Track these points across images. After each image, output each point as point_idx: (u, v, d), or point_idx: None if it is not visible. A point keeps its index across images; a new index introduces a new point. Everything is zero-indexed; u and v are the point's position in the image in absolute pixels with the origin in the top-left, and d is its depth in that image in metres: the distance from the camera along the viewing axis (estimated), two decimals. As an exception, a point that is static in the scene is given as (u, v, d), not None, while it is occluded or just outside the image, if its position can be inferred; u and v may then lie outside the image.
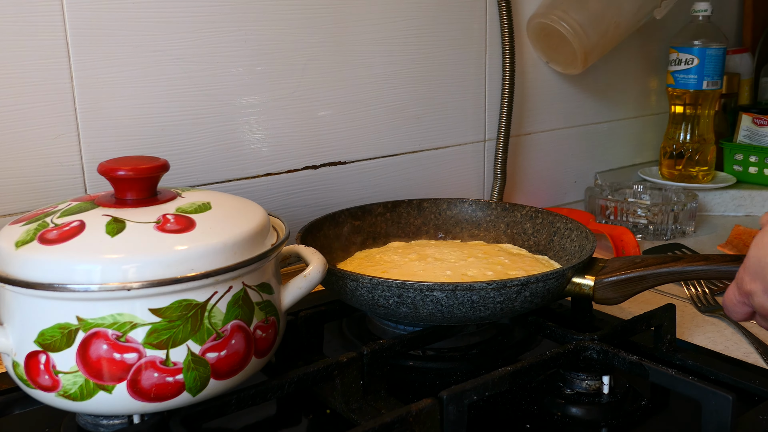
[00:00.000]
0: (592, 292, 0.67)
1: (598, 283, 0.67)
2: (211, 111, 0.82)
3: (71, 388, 0.49)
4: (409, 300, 0.62)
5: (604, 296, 0.67)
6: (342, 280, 0.65)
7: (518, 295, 0.63)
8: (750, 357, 0.69)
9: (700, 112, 1.20)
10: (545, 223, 0.82)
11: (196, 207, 0.54)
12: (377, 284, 0.63)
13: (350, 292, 0.65)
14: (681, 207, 1.06)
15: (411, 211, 0.88)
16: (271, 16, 0.84)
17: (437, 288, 0.61)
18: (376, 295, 0.63)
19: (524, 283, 0.62)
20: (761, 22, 1.43)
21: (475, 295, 0.62)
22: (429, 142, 1.01)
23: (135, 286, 0.47)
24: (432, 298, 0.62)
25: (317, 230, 0.79)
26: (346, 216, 0.83)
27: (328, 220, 0.81)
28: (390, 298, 0.63)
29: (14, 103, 0.71)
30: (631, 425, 0.59)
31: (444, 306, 0.62)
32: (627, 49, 1.21)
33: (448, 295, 0.62)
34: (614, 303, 0.68)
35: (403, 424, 0.51)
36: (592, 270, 0.68)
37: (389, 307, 0.64)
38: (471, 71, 1.02)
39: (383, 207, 0.87)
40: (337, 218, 0.82)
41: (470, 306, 0.62)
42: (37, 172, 0.73)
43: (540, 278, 0.63)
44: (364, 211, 0.85)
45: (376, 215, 0.86)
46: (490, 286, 0.61)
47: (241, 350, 0.52)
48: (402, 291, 0.62)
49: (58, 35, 0.71)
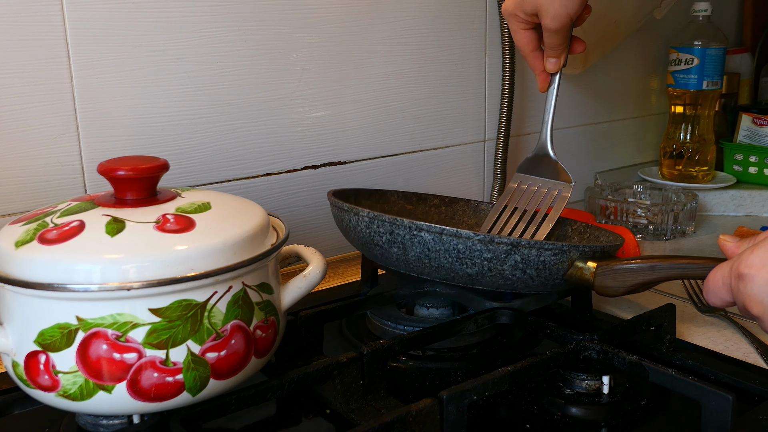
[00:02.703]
0: (592, 279, 0.65)
1: (599, 268, 0.65)
2: (211, 111, 0.82)
3: (71, 388, 0.49)
4: (399, 239, 0.63)
5: (603, 284, 0.65)
6: (347, 215, 0.68)
7: (507, 256, 0.62)
8: (750, 357, 0.69)
9: (700, 112, 1.20)
10: (591, 238, 0.80)
11: (195, 207, 0.54)
12: (373, 218, 0.65)
13: (352, 227, 0.67)
14: (681, 207, 1.06)
15: (467, 211, 0.88)
16: (271, 16, 0.84)
17: (425, 228, 0.62)
18: (372, 230, 0.65)
19: (514, 244, 0.61)
20: (761, 22, 1.43)
21: (461, 244, 0.61)
22: (429, 142, 1.01)
23: (135, 286, 0.47)
24: (419, 239, 0.62)
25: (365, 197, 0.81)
26: (399, 197, 0.85)
27: (378, 194, 0.83)
28: (383, 235, 0.64)
29: (14, 103, 0.71)
30: (631, 425, 0.59)
31: (431, 251, 0.62)
32: (627, 49, 1.21)
33: (435, 239, 0.62)
34: (613, 294, 0.66)
35: (402, 424, 0.51)
36: (597, 258, 0.66)
37: (383, 246, 0.65)
38: (471, 71, 1.02)
39: (440, 200, 0.88)
40: (388, 196, 0.84)
41: (456, 256, 0.62)
42: (36, 172, 0.73)
43: (533, 244, 0.62)
44: (419, 198, 0.86)
45: (430, 205, 0.87)
46: (476, 237, 0.61)
47: (240, 350, 0.52)
48: (393, 227, 0.63)
49: (58, 35, 0.71)
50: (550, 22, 0.77)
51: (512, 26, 0.81)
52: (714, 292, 0.58)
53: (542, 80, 0.84)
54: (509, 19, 0.81)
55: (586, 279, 0.65)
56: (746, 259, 0.54)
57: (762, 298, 0.53)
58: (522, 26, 0.80)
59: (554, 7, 0.76)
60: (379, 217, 0.64)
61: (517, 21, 0.80)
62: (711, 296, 0.58)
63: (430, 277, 0.66)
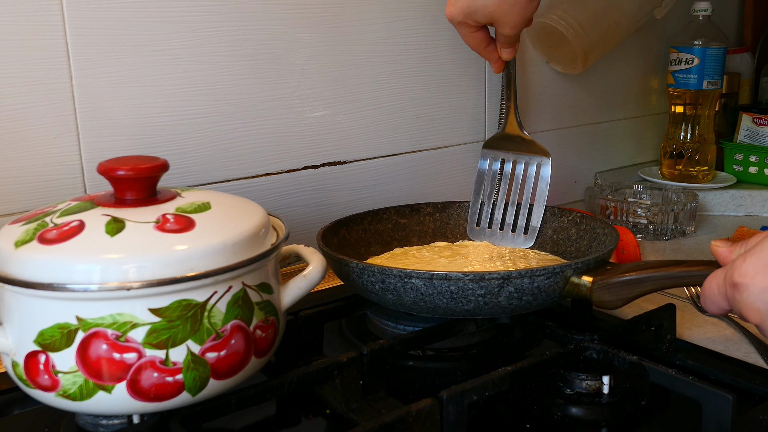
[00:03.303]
0: (589, 294, 0.65)
1: (595, 284, 0.65)
2: (211, 111, 0.82)
3: (71, 388, 0.49)
4: (391, 287, 0.63)
5: (601, 298, 0.65)
6: (337, 265, 0.68)
7: (500, 289, 0.62)
8: (750, 357, 0.69)
9: (700, 111, 1.20)
10: (587, 229, 0.80)
11: (195, 207, 0.54)
12: (363, 269, 0.65)
13: (345, 275, 0.67)
14: (681, 207, 1.06)
15: (462, 213, 0.88)
16: (271, 16, 0.84)
17: (414, 275, 0.62)
18: (364, 280, 0.65)
19: (505, 277, 0.61)
20: (761, 22, 1.43)
21: (452, 285, 0.61)
22: (429, 142, 1.01)
23: (135, 285, 0.47)
24: (411, 285, 0.62)
25: (356, 224, 0.81)
26: (392, 213, 0.85)
27: (370, 215, 0.83)
28: (375, 284, 0.64)
29: (14, 103, 0.71)
30: (631, 425, 0.59)
31: (424, 294, 0.62)
32: (627, 49, 1.21)
33: (426, 284, 0.62)
34: (612, 307, 0.66)
35: (403, 424, 0.51)
36: (592, 272, 0.67)
37: (377, 293, 0.65)
38: (471, 71, 1.02)
39: (432, 207, 0.87)
40: (381, 214, 0.84)
41: (450, 297, 0.62)
42: (36, 172, 0.73)
43: (524, 273, 0.62)
44: (412, 209, 0.86)
45: (424, 215, 0.87)
46: (467, 277, 0.61)
47: (240, 350, 0.52)
48: (384, 277, 0.63)
49: (58, 35, 0.71)
50: (509, 30, 0.78)
51: (461, 31, 0.82)
52: (711, 301, 0.57)
53: (499, 65, 0.85)
54: (457, 26, 0.81)
55: (583, 294, 0.65)
56: (739, 267, 0.54)
57: (759, 306, 0.52)
58: (472, 30, 0.80)
59: (513, 18, 0.76)
60: (369, 267, 0.64)
61: (466, 27, 0.80)
62: (708, 305, 0.58)
63: (430, 314, 0.66)
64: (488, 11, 0.76)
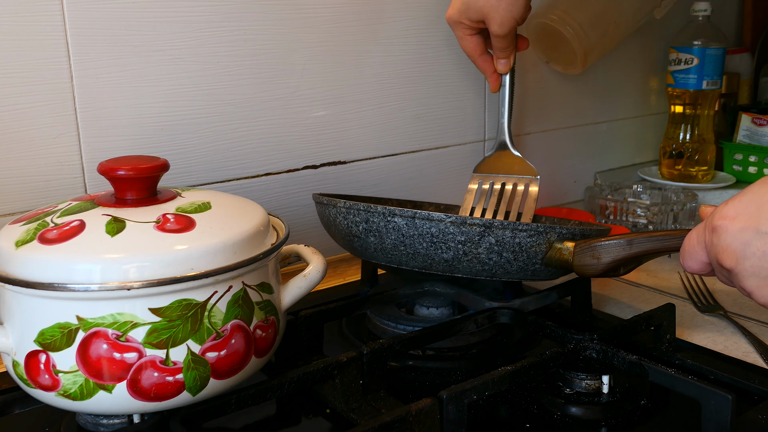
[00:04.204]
0: (571, 258, 0.64)
1: (577, 247, 0.64)
2: (211, 111, 0.82)
3: (71, 388, 0.49)
4: (374, 226, 0.64)
5: (582, 262, 0.64)
6: (326, 209, 0.69)
7: (481, 238, 0.61)
8: (750, 357, 0.69)
9: (700, 111, 1.20)
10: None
11: (196, 207, 0.55)
12: (350, 208, 0.65)
13: (332, 220, 0.68)
14: (680, 207, 1.06)
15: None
16: (271, 16, 0.84)
17: (398, 213, 0.63)
18: (349, 221, 0.66)
19: (487, 225, 0.61)
20: (761, 22, 1.43)
21: (434, 227, 0.61)
22: (428, 142, 1.01)
23: (135, 285, 0.47)
24: (393, 224, 0.63)
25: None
26: (394, 205, 0.85)
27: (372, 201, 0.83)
28: (360, 224, 0.65)
29: (14, 103, 0.71)
30: (631, 425, 0.59)
31: (405, 236, 0.63)
32: (627, 49, 1.21)
33: (408, 223, 0.62)
34: (592, 272, 0.64)
35: (402, 423, 0.51)
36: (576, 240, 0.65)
37: (360, 236, 0.66)
38: (471, 71, 1.02)
39: (435, 207, 0.87)
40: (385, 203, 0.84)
41: (431, 240, 0.62)
42: (37, 172, 0.73)
43: (506, 225, 0.61)
44: (414, 206, 0.87)
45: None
46: (449, 219, 0.61)
47: (240, 350, 0.52)
48: (368, 215, 0.64)
49: (58, 35, 0.71)
50: (497, 28, 0.80)
51: (458, 33, 0.85)
52: (690, 254, 0.56)
53: (494, 81, 0.87)
54: (454, 27, 0.84)
55: (564, 259, 0.64)
56: (720, 210, 0.53)
57: (735, 248, 0.51)
58: (468, 32, 0.84)
59: (500, 13, 0.79)
60: (355, 206, 0.65)
61: (462, 28, 0.83)
62: (687, 259, 0.57)
63: (409, 266, 0.66)
64: (479, 5, 0.80)
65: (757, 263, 0.50)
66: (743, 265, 0.51)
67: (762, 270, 0.50)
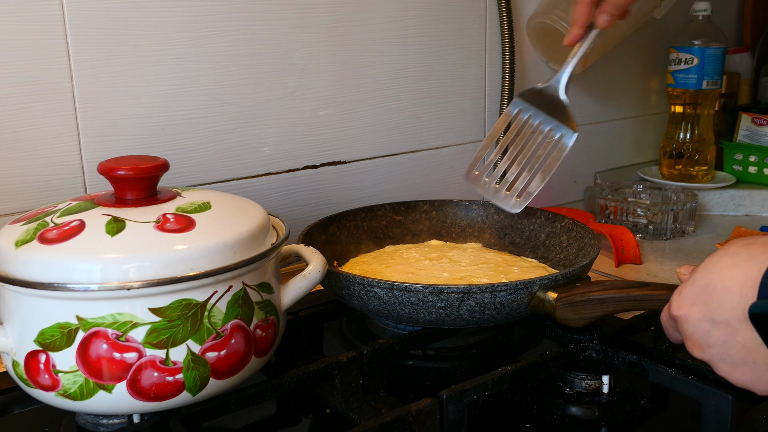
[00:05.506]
0: (553, 311, 0.63)
1: (559, 300, 0.63)
2: (210, 111, 0.82)
3: (71, 388, 0.49)
4: (356, 293, 0.64)
5: (564, 316, 0.63)
6: None
7: (461, 303, 0.61)
8: (750, 357, 0.69)
9: (700, 111, 1.20)
10: (577, 237, 0.78)
11: (196, 206, 0.55)
12: (330, 275, 0.65)
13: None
14: (681, 206, 1.06)
15: (459, 212, 0.87)
16: (271, 16, 0.84)
17: (376, 284, 0.62)
18: (333, 285, 0.66)
19: (464, 291, 0.61)
20: (761, 21, 1.43)
21: (413, 297, 0.61)
22: (429, 141, 1.01)
23: (135, 285, 0.47)
24: (373, 294, 0.63)
25: (349, 220, 0.81)
26: (387, 210, 0.85)
27: (364, 212, 0.83)
28: (342, 290, 0.65)
29: (14, 103, 0.71)
30: (631, 425, 0.59)
31: (387, 304, 0.63)
32: (627, 49, 1.21)
33: (387, 293, 0.62)
34: (575, 325, 0.63)
35: (402, 423, 0.51)
36: (560, 287, 0.64)
37: (344, 298, 0.66)
38: (471, 71, 1.02)
39: (429, 205, 0.87)
40: (376, 211, 0.84)
41: (411, 307, 0.62)
42: (37, 172, 0.73)
43: (484, 289, 0.61)
44: (408, 206, 0.86)
45: (420, 212, 0.87)
46: (426, 290, 0.61)
47: (240, 350, 0.52)
48: (348, 284, 0.64)
49: (58, 35, 0.71)
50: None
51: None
52: (668, 333, 0.56)
53: (575, 36, 0.81)
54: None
55: (547, 311, 0.64)
56: (676, 300, 0.52)
57: (698, 336, 0.50)
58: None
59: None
60: (335, 274, 0.65)
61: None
62: (669, 336, 0.56)
63: (395, 322, 0.67)
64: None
65: (721, 351, 0.50)
66: (710, 353, 0.50)
67: (727, 357, 0.50)
